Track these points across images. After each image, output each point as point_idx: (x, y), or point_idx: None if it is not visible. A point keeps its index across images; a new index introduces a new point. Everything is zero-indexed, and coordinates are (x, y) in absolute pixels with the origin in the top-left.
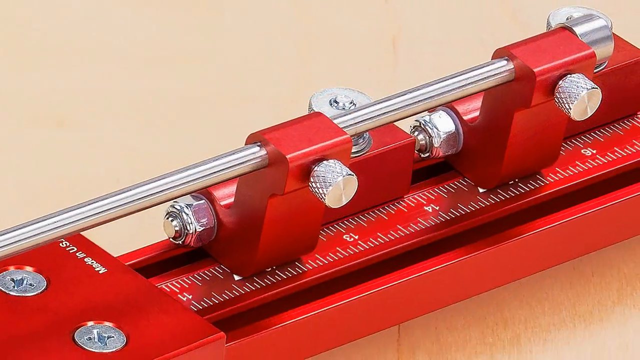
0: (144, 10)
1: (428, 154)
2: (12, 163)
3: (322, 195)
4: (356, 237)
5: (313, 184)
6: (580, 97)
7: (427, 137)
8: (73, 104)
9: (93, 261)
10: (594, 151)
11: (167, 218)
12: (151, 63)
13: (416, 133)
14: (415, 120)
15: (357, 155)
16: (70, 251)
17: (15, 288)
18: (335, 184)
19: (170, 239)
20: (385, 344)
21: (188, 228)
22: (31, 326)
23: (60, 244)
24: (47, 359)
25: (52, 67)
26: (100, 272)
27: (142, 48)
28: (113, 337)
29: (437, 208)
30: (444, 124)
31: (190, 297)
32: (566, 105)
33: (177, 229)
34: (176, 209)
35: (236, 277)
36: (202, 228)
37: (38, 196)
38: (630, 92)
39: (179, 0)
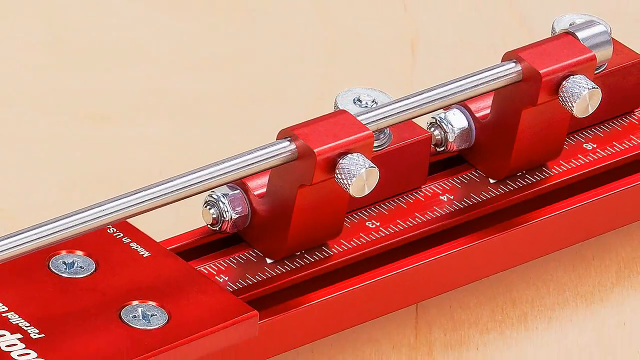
0: (181, 16)
1: (443, 148)
2: (64, 156)
3: (347, 185)
4: (378, 224)
5: (338, 175)
6: (582, 96)
7: (443, 133)
8: (118, 102)
9: (138, 246)
10: (595, 145)
11: (205, 206)
12: (189, 65)
13: (432, 129)
14: (432, 117)
15: (378, 149)
16: (117, 237)
17: (67, 270)
18: (359, 175)
19: (208, 226)
20: (404, 321)
21: (224, 216)
22: (81, 305)
23: (108, 230)
24: (95, 335)
25: (98, 69)
26: (145, 255)
27: (180, 51)
28: (156, 315)
29: (452, 197)
30: (457, 121)
31: (226, 278)
32: (569, 103)
33: (214, 216)
34: (213, 198)
35: (268, 260)
36: (237, 216)
37: (87, 186)
38: (628, 92)
39: (215, 8)
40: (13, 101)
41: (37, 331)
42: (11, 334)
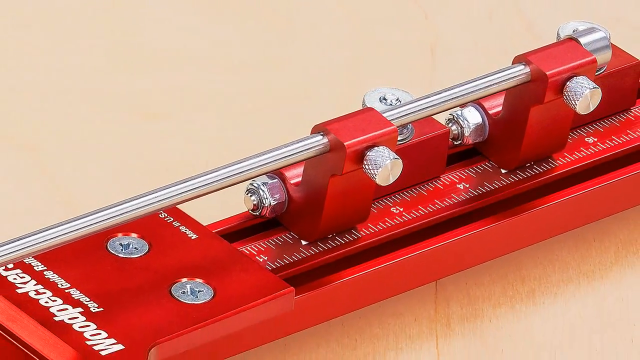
0: (223, 25)
1: (460, 141)
2: (121, 149)
3: (374, 175)
4: (401, 210)
5: (366, 166)
6: (584, 95)
7: (459, 128)
8: (168, 101)
9: (186, 229)
10: (595, 139)
11: (247, 194)
12: (231, 67)
13: (450, 124)
14: (449, 114)
15: (401, 142)
16: (168, 221)
17: (123, 251)
18: (384, 166)
19: (249, 211)
20: (424, 296)
21: (264, 202)
22: (136, 282)
23: (160, 215)
24: (148, 309)
25: (150, 70)
26: (192, 238)
27: (223, 55)
28: (202, 290)
29: (467, 186)
30: (472, 117)
31: (265, 258)
32: (573, 101)
33: (254, 202)
34: (254, 186)
35: (303, 242)
36: (275, 202)
37: (141, 176)
38: (625, 91)
39: (253, 17)
40: (76, 99)
41: (96, 305)
42: (73, 308)
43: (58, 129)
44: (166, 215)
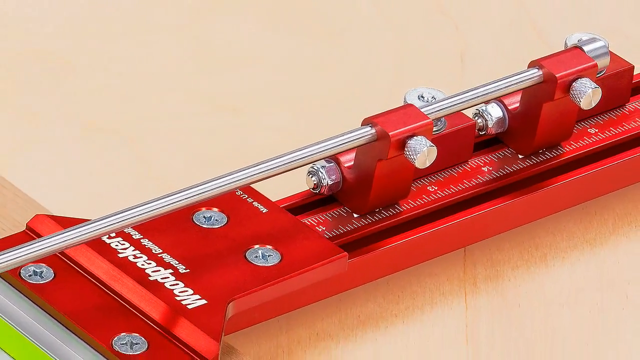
0: (293, 34)
1: (484, 132)
2: (205, 138)
3: (413, 159)
4: (435, 188)
5: (407, 152)
6: (587, 93)
7: (484, 121)
8: (246, 97)
9: (258, 204)
10: (596, 130)
11: (308, 175)
12: (298, 69)
13: (476, 118)
14: (476, 109)
15: (436, 132)
16: (243, 197)
17: (206, 222)
18: (422, 152)
19: (310, 189)
20: (455, 260)
21: (322, 182)
22: (216, 248)
23: (236, 193)
24: (227, 271)
25: (230, 72)
26: (263, 211)
27: (289, 59)
28: (272, 255)
29: (490, 169)
30: (495, 112)
31: (323, 228)
32: (577, 99)
33: (314, 182)
34: (314, 169)
35: (355, 215)
36: (332, 182)
37: (222, 160)
38: (621, 91)
39: (317, 29)
40: (170, 97)
41: (184, 267)
42: (164, 269)
43: (154, 123)
44: (242, 192)
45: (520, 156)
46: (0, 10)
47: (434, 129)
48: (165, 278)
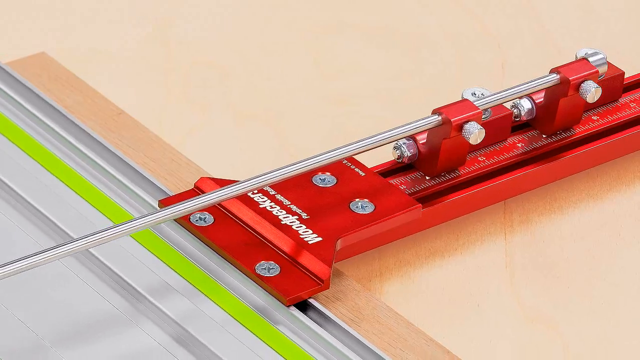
0: (385, 48)
1: (518, 119)
2: (322, 122)
3: (468, 138)
4: (484, 159)
5: (464, 132)
6: (591, 91)
7: (518, 111)
8: (352, 94)
9: (358, 170)
10: (598, 117)
11: (394, 149)
12: (389, 76)
13: (513, 108)
14: (512, 102)
15: (484, 119)
16: (347, 165)
17: (321, 183)
18: (474, 133)
19: (395, 159)
20: (497, 210)
21: (404, 154)
22: (329, 201)
23: (343, 162)
24: (336, 217)
25: (340, 77)
26: (362, 175)
27: (384, 68)
28: (368, 206)
29: (523, 145)
30: (526, 104)
31: (405, 187)
32: (584, 95)
33: (398, 154)
34: (398, 144)
35: (427, 178)
36: (410, 154)
37: (335, 138)
38: (615, 90)
39: (401, 45)
40: (298, 93)
41: (306, 214)
42: (292, 216)
43: (289, 112)
44: (347, 161)
45: (544, 136)
46: (180, 30)
47: (482, 117)
48: (292, 222)
